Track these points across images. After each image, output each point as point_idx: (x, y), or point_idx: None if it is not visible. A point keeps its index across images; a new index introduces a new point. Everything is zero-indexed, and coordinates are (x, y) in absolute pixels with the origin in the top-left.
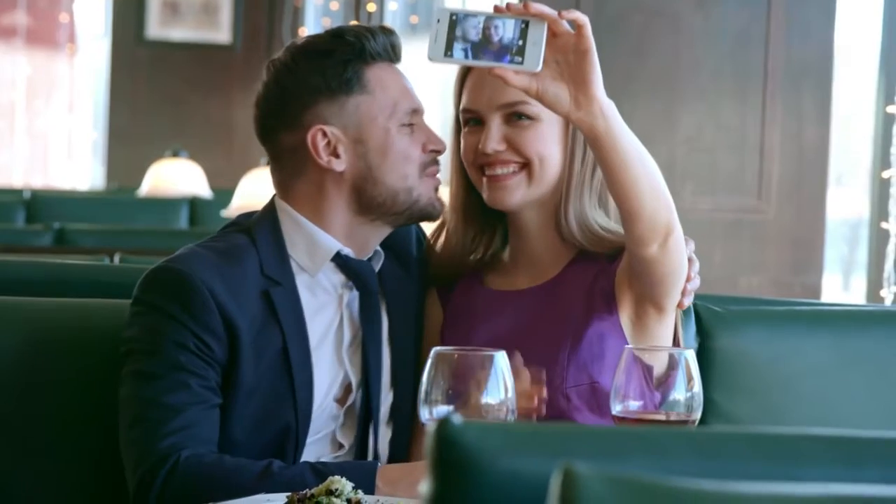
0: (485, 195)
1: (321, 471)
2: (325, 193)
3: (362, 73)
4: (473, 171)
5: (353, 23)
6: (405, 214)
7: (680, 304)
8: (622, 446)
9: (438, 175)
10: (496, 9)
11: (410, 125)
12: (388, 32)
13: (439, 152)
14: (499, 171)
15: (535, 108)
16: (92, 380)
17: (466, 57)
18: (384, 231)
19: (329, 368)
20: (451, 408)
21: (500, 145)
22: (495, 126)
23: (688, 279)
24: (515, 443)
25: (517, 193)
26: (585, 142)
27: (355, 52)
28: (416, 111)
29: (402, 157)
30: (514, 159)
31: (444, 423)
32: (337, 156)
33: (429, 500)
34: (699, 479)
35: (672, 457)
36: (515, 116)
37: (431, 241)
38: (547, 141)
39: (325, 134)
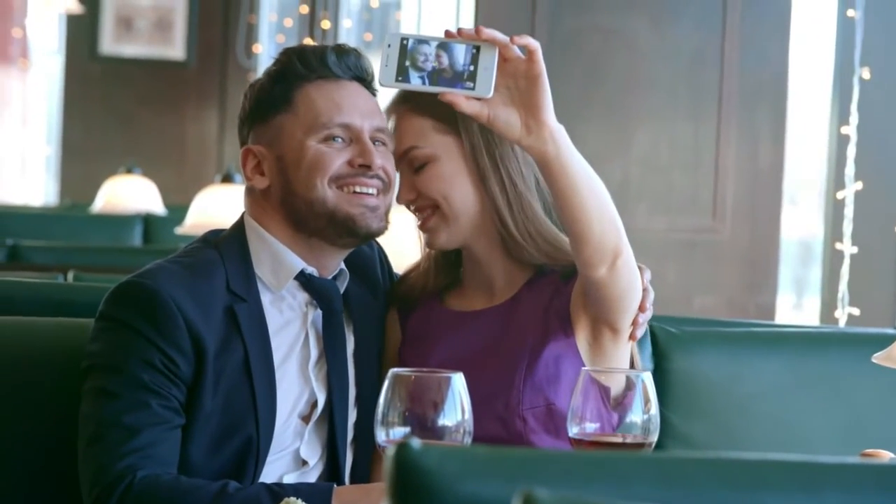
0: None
1: (277, 492)
2: (264, 209)
3: (291, 92)
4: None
5: (308, 40)
6: (333, 230)
7: (632, 336)
8: (583, 472)
9: (370, 192)
10: (447, 34)
11: (336, 138)
12: (341, 51)
13: (367, 167)
14: (419, 217)
15: (423, 150)
16: (47, 399)
17: (417, 82)
18: (331, 250)
19: (294, 384)
20: (407, 429)
21: (409, 194)
22: (404, 176)
23: (642, 310)
24: (475, 467)
25: (441, 235)
26: (504, 159)
27: (285, 71)
28: (348, 126)
29: (311, 167)
30: (425, 203)
31: (403, 447)
32: (262, 174)
33: None
34: None
35: (632, 483)
36: (411, 163)
37: (411, 268)
38: (446, 178)
39: (254, 154)
